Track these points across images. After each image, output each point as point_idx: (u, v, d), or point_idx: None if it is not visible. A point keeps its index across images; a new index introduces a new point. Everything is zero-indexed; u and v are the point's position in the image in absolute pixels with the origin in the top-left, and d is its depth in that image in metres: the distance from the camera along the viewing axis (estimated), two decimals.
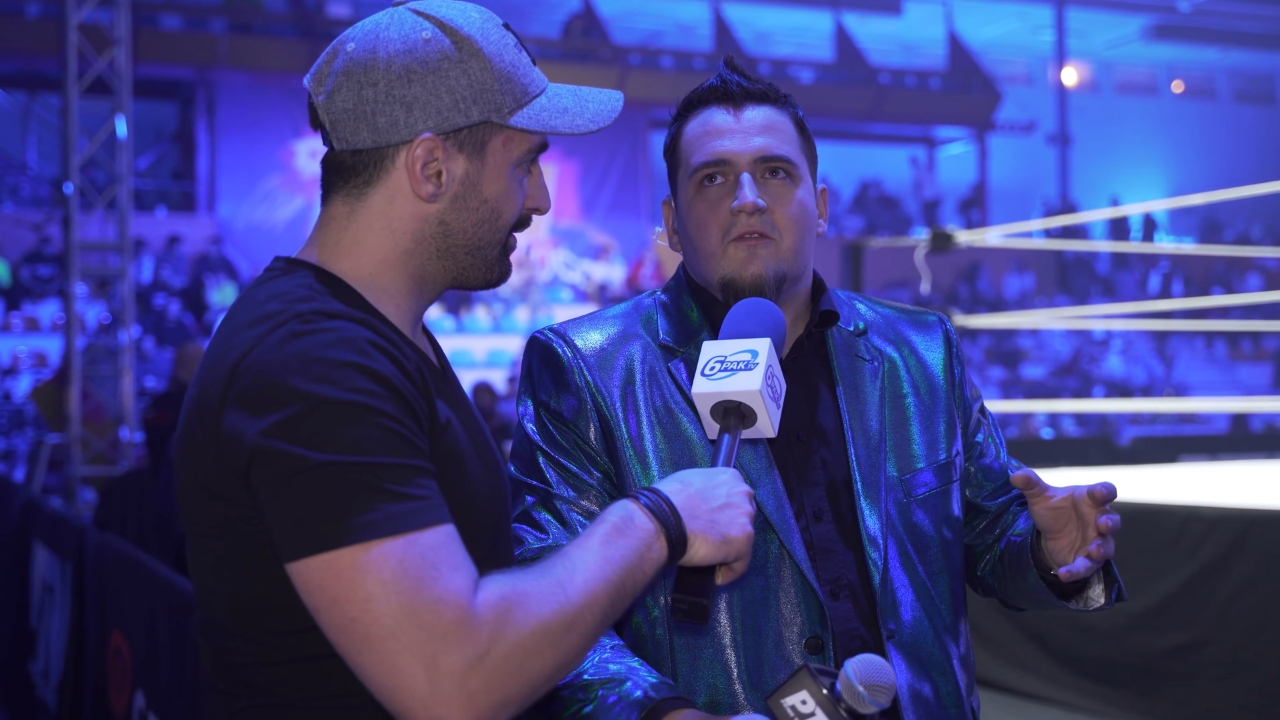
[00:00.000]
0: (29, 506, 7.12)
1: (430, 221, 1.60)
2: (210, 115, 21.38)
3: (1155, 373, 23.65)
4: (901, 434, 2.03)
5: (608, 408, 1.97)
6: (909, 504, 1.99)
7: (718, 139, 1.99)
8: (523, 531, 1.94)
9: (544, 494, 1.96)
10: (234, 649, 1.53)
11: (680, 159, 2.05)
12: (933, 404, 2.07)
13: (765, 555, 1.91)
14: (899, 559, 1.96)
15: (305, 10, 21.84)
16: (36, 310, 18.26)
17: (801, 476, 1.97)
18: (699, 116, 2.04)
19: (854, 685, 1.53)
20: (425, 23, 1.59)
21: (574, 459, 1.97)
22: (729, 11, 25.81)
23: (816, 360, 2.05)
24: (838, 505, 1.97)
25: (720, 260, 1.97)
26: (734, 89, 2.02)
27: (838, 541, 1.95)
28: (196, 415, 1.49)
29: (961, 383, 2.13)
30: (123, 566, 4.53)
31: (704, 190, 1.99)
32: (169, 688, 3.73)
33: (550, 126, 1.63)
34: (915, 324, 2.15)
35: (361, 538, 1.35)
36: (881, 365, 2.06)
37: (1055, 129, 28.60)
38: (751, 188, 1.95)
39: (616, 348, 2.02)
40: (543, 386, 2.01)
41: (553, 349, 2.01)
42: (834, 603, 1.92)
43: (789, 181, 1.99)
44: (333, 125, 1.59)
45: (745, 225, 1.95)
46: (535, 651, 1.38)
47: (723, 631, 1.91)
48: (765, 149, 1.98)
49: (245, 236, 20.65)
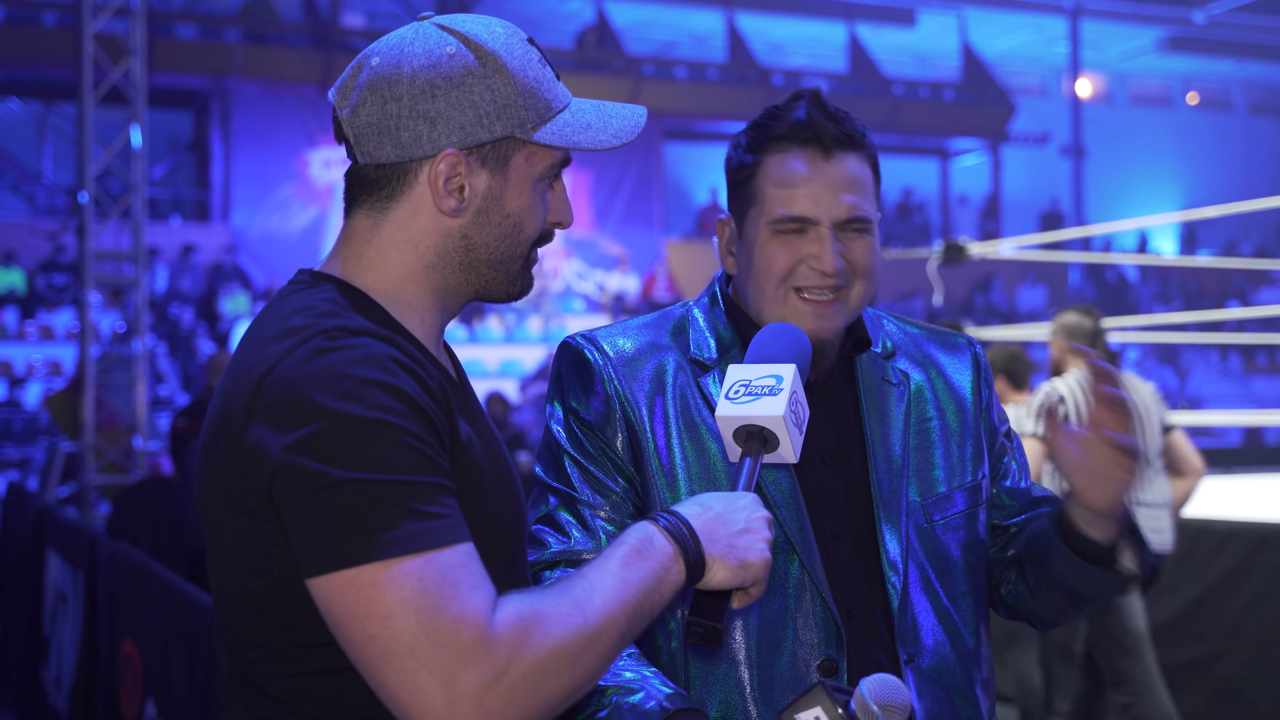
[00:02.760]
0: (42, 514, 7.14)
1: (453, 236, 1.60)
2: (225, 124, 21.45)
3: (1170, 386, 23.58)
4: (926, 458, 2.01)
5: (635, 416, 1.97)
6: (931, 528, 1.98)
7: (804, 195, 1.93)
8: (544, 534, 1.94)
9: (568, 497, 1.96)
10: (254, 659, 1.53)
11: (756, 197, 1.98)
12: (959, 427, 2.06)
13: (785, 577, 1.91)
14: (919, 583, 1.95)
15: (320, 20, 21.92)
16: (51, 319, 18.33)
17: (823, 499, 1.96)
18: (784, 157, 1.95)
19: (868, 704, 1.53)
20: (449, 37, 1.59)
21: (600, 465, 1.97)
22: (743, 22, 25.83)
23: (843, 381, 2.04)
24: (857, 528, 1.96)
25: (782, 306, 1.95)
26: (825, 135, 1.94)
27: (855, 564, 1.94)
28: (221, 427, 1.49)
29: (989, 406, 2.12)
30: (135, 575, 4.54)
31: (781, 237, 1.95)
32: (180, 696, 3.74)
33: (573, 142, 1.63)
34: (944, 346, 2.14)
35: (382, 555, 1.36)
36: (907, 389, 2.05)
37: (1069, 140, 28.56)
38: (834, 250, 1.92)
39: (646, 357, 2.01)
40: (572, 392, 2.00)
41: (584, 355, 2.01)
42: (851, 627, 1.91)
43: (866, 235, 1.96)
44: (357, 139, 1.59)
45: (821, 282, 1.93)
46: (553, 672, 1.38)
47: (738, 649, 1.90)
48: (852, 211, 1.94)
49: (259, 245, 20.71)
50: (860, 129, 1.99)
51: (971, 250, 10.27)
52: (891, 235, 24.66)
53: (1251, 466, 14.32)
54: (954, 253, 10.17)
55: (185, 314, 18.73)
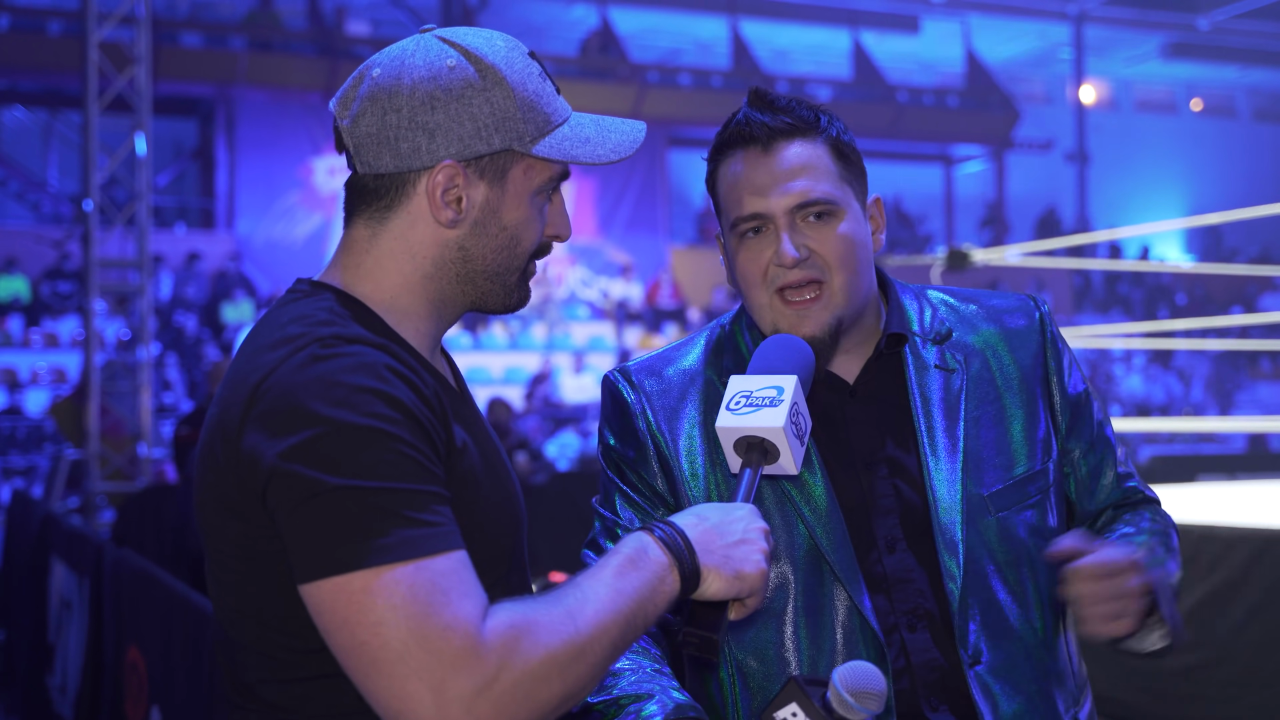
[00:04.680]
0: (47, 521, 7.16)
1: (450, 247, 1.62)
2: (229, 132, 21.46)
3: (1175, 392, 23.56)
4: (988, 447, 1.94)
5: (670, 450, 1.98)
6: (996, 521, 1.91)
7: (750, 192, 1.92)
8: (587, 558, 1.98)
9: (612, 523, 2.00)
10: (251, 665, 1.54)
11: (720, 209, 1.99)
12: (1024, 407, 1.98)
13: (822, 594, 1.88)
14: (983, 581, 1.89)
15: (325, 28, 21.94)
16: (56, 326, 18.35)
17: (873, 506, 1.92)
18: (729, 162, 1.97)
19: (841, 694, 1.52)
20: (450, 50, 1.60)
21: (642, 495, 2.00)
22: (747, 30, 25.84)
23: (889, 378, 1.98)
24: (914, 532, 1.91)
25: (770, 313, 1.93)
26: (759, 131, 1.93)
27: (915, 569, 1.90)
28: (218, 434, 1.51)
29: (1058, 373, 2.03)
30: (140, 582, 4.55)
31: (746, 241, 1.94)
32: (185, 703, 3.75)
33: (571, 156, 1.64)
34: (1005, 314, 2.05)
35: (374, 562, 1.37)
36: (965, 373, 1.97)
37: (1073, 147, 28.55)
38: (789, 244, 1.89)
39: (684, 388, 2.02)
40: (611, 430, 2.04)
41: (619, 392, 2.03)
42: (912, 635, 1.88)
43: (830, 220, 1.92)
44: (357, 149, 1.61)
45: (789, 278, 1.90)
46: (543, 680, 1.38)
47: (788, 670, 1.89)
48: (801, 197, 1.90)
49: (264, 253, 20.72)
50: (808, 113, 1.95)
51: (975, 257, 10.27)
52: (895, 242, 24.64)
53: (1255, 473, 14.28)
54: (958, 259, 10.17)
55: (190, 321, 18.75)
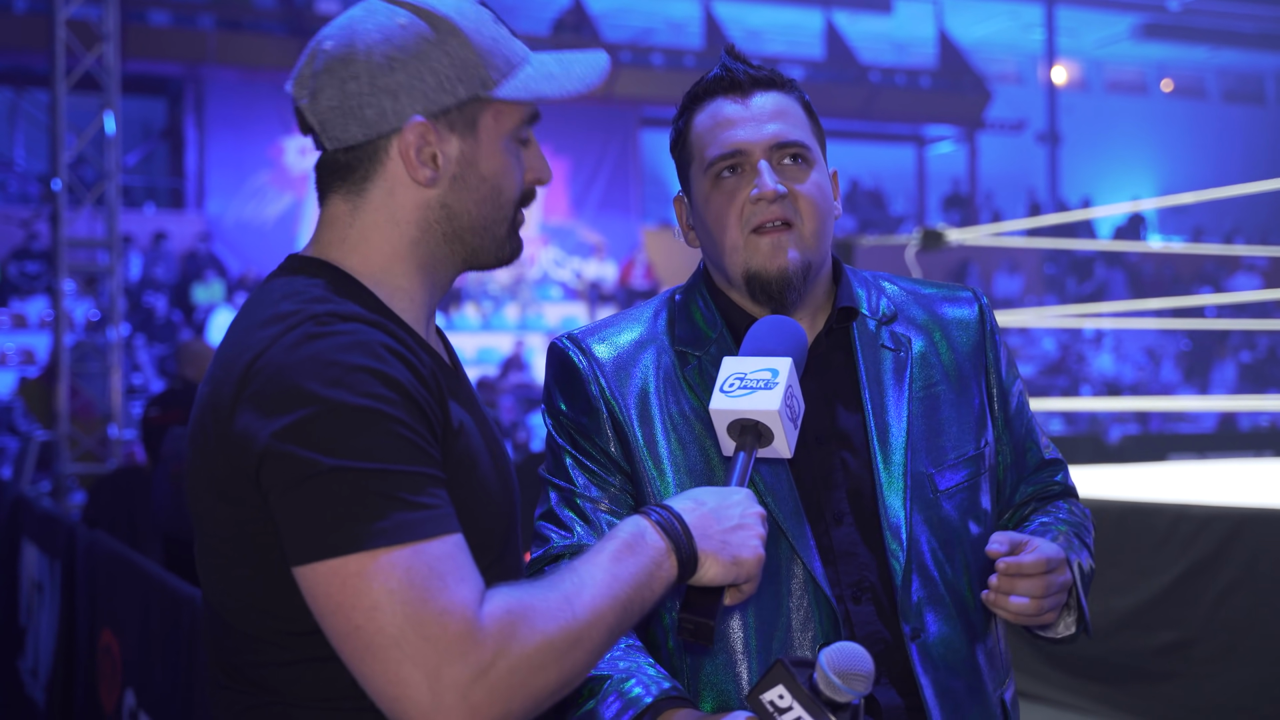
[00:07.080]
0: (18, 503, 7.09)
1: (433, 207, 1.59)
2: (199, 112, 21.32)
3: (1146, 371, 23.69)
4: (929, 427, 1.97)
5: (624, 417, 1.95)
6: (935, 499, 1.94)
7: (730, 129, 1.95)
8: (547, 530, 1.94)
9: (568, 493, 1.95)
10: (243, 648, 1.52)
11: (692, 153, 2.01)
12: (963, 392, 2.02)
13: (778, 563, 1.89)
14: (923, 558, 1.92)
15: (295, 7, 21.78)
16: (24, 307, 18.19)
17: (822, 480, 1.94)
18: (707, 108, 2.00)
19: (828, 675, 1.51)
20: (399, 9, 1.58)
21: (596, 462, 1.96)
22: (719, 9, 25.80)
23: (839, 354, 2.01)
24: (860, 506, 1.93)
25: (743, 253, 1.94)
26: (741, 77, 1.99)
27: (860, 544, 1.92)
28: (209, 414, 1.48)
29: (996, 364, 2.08)
30: (113, 564, 4.51)
31: (721, 182, 1.96)
32: (160, 686, 3.72)
33: (538, 94, 1.61)
34: (947, 303, 2.10)
35: (370, 545, 1.35)
36: (910, 354, 2.01)
37: (1045, 127, 28.64)
38: (770, 174, 1.93)
39: (634, 355, 2.00)
40: (562, 396, 2.00)
41: (568, 358, 2.00)
42: (856, 606, 1.90)
43: (804, 165, 1.97)
44: (322, 126, 1.58)
45: (766, 213, 1.92)
46: (540, 667, 1.37)
47: (735, 640, 1.89)
48: (780, 135, 1.95)
49: (234, 233, 20.60)
50: (783, 75, 2.03)
51: (949, 237, 10.27)
52: (868, 222, 24.68)
53: (1225, 451, 14.40)
54: (932, 239, 10.17)
55: (159, 302, 18.62)
